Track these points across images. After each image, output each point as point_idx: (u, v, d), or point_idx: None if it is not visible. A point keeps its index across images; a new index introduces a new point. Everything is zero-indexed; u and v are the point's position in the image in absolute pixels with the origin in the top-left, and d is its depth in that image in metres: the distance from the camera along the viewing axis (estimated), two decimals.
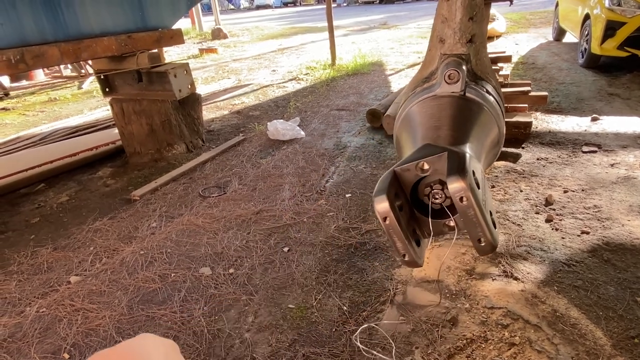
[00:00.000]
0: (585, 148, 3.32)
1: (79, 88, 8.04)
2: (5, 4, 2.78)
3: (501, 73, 4.73)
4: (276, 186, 3.28)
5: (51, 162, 3.79)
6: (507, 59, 5.26)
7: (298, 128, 4.38)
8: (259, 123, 4.89)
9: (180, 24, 4.55)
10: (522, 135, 3.60)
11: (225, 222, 2.82)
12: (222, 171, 3.68)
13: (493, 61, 4.72)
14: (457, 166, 0.82)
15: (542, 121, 4.02)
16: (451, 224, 0.91)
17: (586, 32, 5.62)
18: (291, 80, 7.18)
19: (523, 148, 3.46)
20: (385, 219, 0.86)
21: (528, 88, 4.08)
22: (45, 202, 3.40)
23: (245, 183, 3.40)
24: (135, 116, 3.94)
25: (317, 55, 9.35)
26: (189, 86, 4.02)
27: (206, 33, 15.83)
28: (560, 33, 7.87)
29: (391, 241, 0.88)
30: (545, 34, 8.94)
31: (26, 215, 3.22)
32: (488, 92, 1.43)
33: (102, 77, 4.04)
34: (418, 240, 0.93)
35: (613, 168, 2.97)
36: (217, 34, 14.73)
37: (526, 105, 3.89)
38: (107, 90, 4.12)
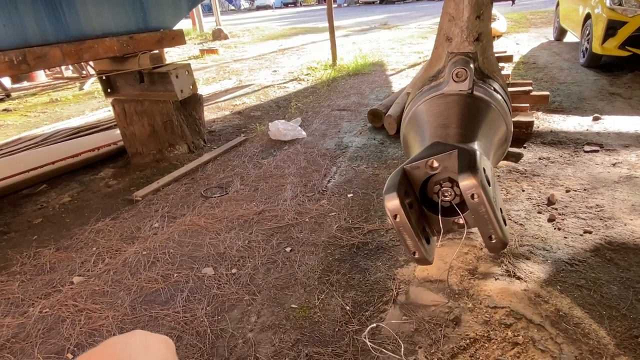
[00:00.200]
0: (587, 147, 3.32)
1: (80, 89, 8.05)
2: (7, 5, 2.78)
3: (502, 73, 4.73)
4: (278, 186, 3.28)
5: (53, 163, 3.80)
6: (508, 59, 5.27)
7: (299, 128, 4.39)
8: (261, 123, 4.90)
9: (181, 25, 4.56)
10: (524, 134, 3.60)
11: (227, 223, 2.82)
12: (224, 171, 3.68)
13: None
14: (468, 163, 0.82)
15: (544, 121, 4.02)
16: (460, 222, 0.91)
17: (587, 32, 5.62)
18: (292, 80, 7.19)
19: (525, 148, 3.46)
20: (395, 217, 0.86)
21: (529, 88, 4.08)
22: (47, 203, 3.41)
23: (247, 183, 3.40)
24: (137, 117, 3.95)
25: (318, 55, 9.35)
26: (191, 87, 4.03)
27: (207, 34, 15.85)
28: (561, 33, 7.87)
29: (401, 239, 0.88)
30: (546, 34, 8.93)
31: (28, 216, 3.23)
32: (495, 90, 1.43)
33: (104, 78, 4.04)
34: (428, 237, 0.93)
35: (615, 167, 2.97)
36: (218, 35, 14.74)
37: (528, 104, 3.89)
38: (109, 91, 4.13)
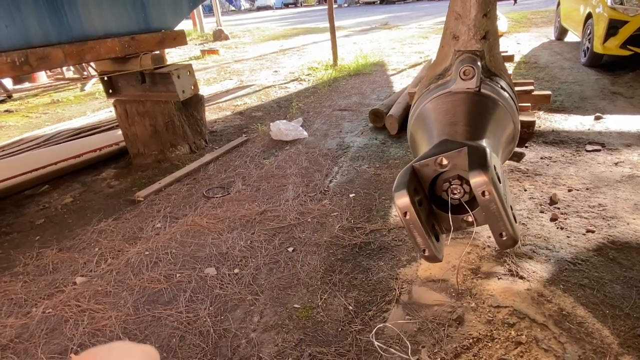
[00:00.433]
0: (589, 147, 3.31)
1: (82, 90, 8.06)
2: (9, 6, 2.79)
3: None
4: (280, 186, 3.29)
5: (55, 164, 3.80)
6: (509, 59, 5.26)
7: (301, 128, 4.39)
8: (262, 124, 4.90)
9: (181, 26, 4.57)
10: (526, 134, 3.60)
11: (229, 223, 2.82)
12: (226, 172, 3.68)
13: None
14: (479, 161, 0.82)
15: (545, 120, 4.02)
16: (469, 219, 0.91)
17: (588, 31, 5.61)
18: (293, 81, 7.19)
19: (526, 147, 3.46)
20: (405, 214, 0.85)
21: (531, 87, 4.07)
22: (49, 204, 3.41)
23: (248, 183, 3.40)
24: (138, 117, 3.95)
25: (319, 55, 9.36)
26: (192, 87, 4.03)
27: (207, 34, 15.86)
28: (562, 32, 7.86)
29: (411, 236, 0.88)
30: (547, 33, 8.93)
31: (31, 216, 3.23)
32: (502, 88, 1.43)
33: (106, 79, 4.05)
34: (437, 235, 0.93)
35: (617, 167, 2.96)
36: (219, 35, 14.74)
37: (529, 104, 3.89)
38: (111, 91, 4.14)
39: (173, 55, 11.97)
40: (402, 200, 0.84)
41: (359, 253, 2.37)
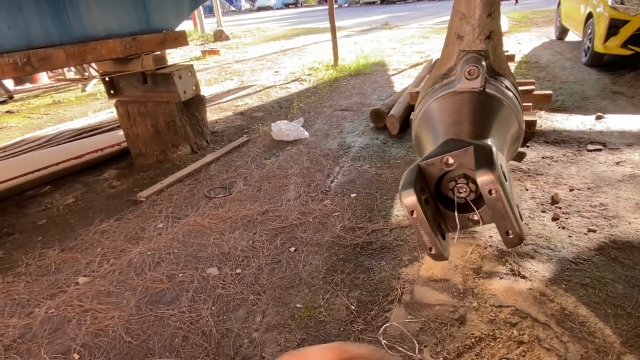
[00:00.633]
0: (590, 146, 3.32)
1: (83, 90, 8.07)
2: (12, 7, 2.80)
3: None
4: (281, 186, 3.29)
5: (57, 164, 3.81)
6: (510, 58, 5.26)
7: (302, 129, 4.39)
8: (263, 124, 4.90)
9: (182, 26, 4.57)
10: (527, 133, 3.59)
11: (231, 223, 2.83)
12: (227, 172, 3.69)
13: None
14: (486, 159, 0.82)
15: (547, 120, 4.02)
16: (475, 218, 0.91)
17: (589, 31, 5.61)
18: (294, 81, 7.20)
19: (528, 147, 3.46)
20: (412, 213, 0.85)
21: (532, 87, 4.07)
22: (51, 204, 3.42)
23: (250, 184, 3.41)
24: (140, 118, 3.96)
25: (320, 56, 9.36)
26: (194, 87, 4.04)
27: (208, 35, 15.87)
28: (562, 32, 7.86)
29: (418, 235, 0.88)
30: (547, 33, 8.92)
31: (33, 217, 3.24)
32: (507, 88, 1.44)
33: (107, 80, 4.06)
34: (443, 233, 0.93)
35: (618, 166, 2.96)
36: (219, 36, 14.76)
37: (530, 104, 3.88)
38: (112, 92, 4.14)
39: (174, 55, 11.99)
40: (409, 199, 0.84)
41: (361, 253, 2.38)
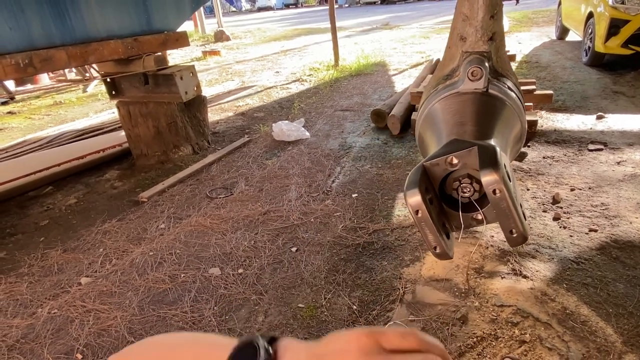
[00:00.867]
0: (591, 146, 3.32)
1: (84, 91, 8.09)
2: (14, 9, 2.81)
3: None
4: (282, 187, 3.30)
5: (58, 165, 3.82)
6: (511, 58, 5.26)
7: (303, 129, 4.40)
8: (264, 124, 4.91)
9: (183, 27, 4.58)
10: (528, 133, 3.59)
11: (233, 223, 2.83)
12: (229, 172, 3.70)
13: None
14: (490, 159, 0.83)
15: (547, 120, 4.03)
16: (479, 217, 0.93)
17: (590, 31, 5.61)
18: (295, 81, 7.20)
19: (529, 146, 3.47)
20: (417, 212, 0.87)
21: (533, 87, 4.07)
22: (53, 205, 3.43)
23: (251, 184, 3.41)
24: (141, 118, 3.97)
25: (320, 56, 9.37)
26: (195, 88, 4.05)
27: (209, 35, 15.88)
28: (563, 31, 7.86)
29: (422, 234, 0.89)
30: (548, 33, 8.92)
31: (35, 217, 3.25)
32: (510, 89, 1.45)
33: (109, 80, 4.07)
34: (447, 233, 0.94)
35: (619, 166, 2.97)
36: (220, 37, 14.77)
37: (531, 103, 3.89)
38: (114, 93, 4.15)
39: (175, 56, 12.00)
40: (414, 198, 0.85)
41: (362, 253, 2.38)
